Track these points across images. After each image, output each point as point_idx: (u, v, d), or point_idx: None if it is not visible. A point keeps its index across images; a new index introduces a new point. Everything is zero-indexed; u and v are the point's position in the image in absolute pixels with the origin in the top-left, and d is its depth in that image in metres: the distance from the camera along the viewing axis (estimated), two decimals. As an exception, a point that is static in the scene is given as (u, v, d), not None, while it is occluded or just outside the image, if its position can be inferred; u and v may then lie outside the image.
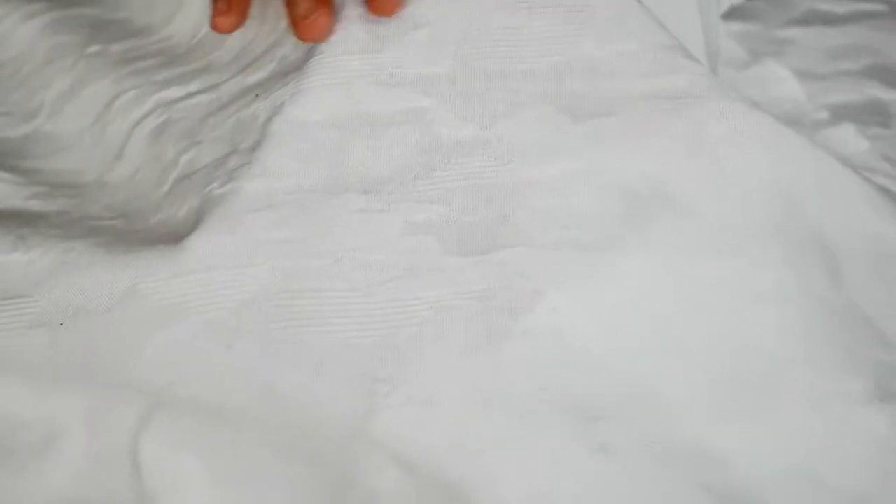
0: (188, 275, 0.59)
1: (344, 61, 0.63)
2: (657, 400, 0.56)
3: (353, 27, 0.64)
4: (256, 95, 0.66)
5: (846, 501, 0.55)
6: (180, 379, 0.58)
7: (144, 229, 0.65)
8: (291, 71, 0.65)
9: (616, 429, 0.56)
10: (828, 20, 0.94)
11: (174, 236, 0.62)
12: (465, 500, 0.55)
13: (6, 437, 0.58)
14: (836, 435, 0.56)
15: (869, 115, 0.84)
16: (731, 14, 0.93)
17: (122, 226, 0.66)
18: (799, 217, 0.58)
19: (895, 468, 0.55)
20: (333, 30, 0.64)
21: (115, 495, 0.56)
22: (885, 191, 0.62)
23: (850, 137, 0.80)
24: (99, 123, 0.73)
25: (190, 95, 0.70)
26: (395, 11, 0.64)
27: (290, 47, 0.67)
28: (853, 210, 0.60)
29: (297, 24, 0.64)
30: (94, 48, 0.76)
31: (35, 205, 0.68)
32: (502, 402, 0.56)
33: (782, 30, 0.93)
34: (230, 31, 0.70)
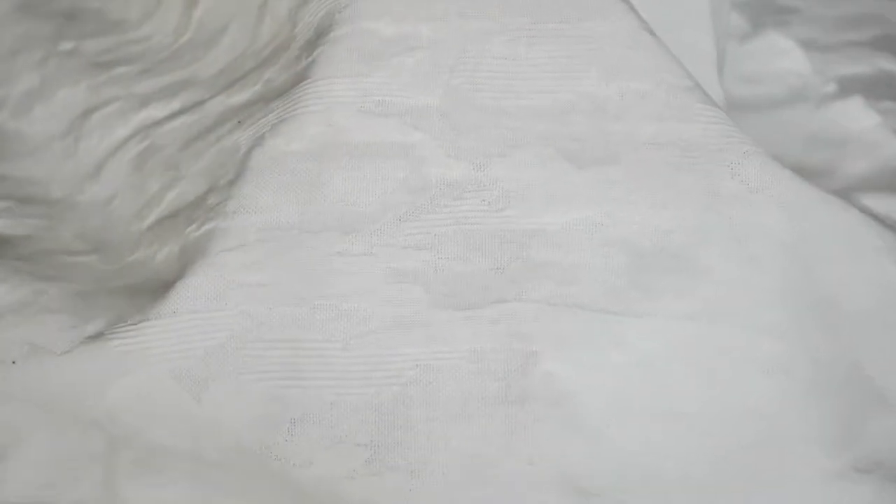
0: (152, 319, 0.54)
1: (326, 85, 0.57)
2: (653, 476, 0.53)
3: (338, 46, 0.58)
4: (239, 122, 0.61)
5: None
6: (148, 426, 0.53)
7: (120, 270, 0.60)
8: (275, 97, 0.60)
9: None
10: (834, -12, 0.91)
11: (151, 283, 0.57)
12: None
13: None
14: None
15: (879, 88, 0.80)
16: (730, -20, 0.87)
17: (97, 263, 0.61)
18: (810, 278, 0.55)
19: None
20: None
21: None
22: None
23: (859, 112, 0.76)
24: (72, 135, 0.67)
25: (173, 115, 0.65)
26: None
27: (277, 70, 0.62)
28: (867, 261, 0.57)
29: None
30: (66, 45, 0.71)
31: (2, 225, 0.63)
32: (491, 474, 0.52)
33: (786, -3, 0.89)
34: None
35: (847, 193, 0.62)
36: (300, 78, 0.59)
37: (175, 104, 0.65)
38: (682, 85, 0.57)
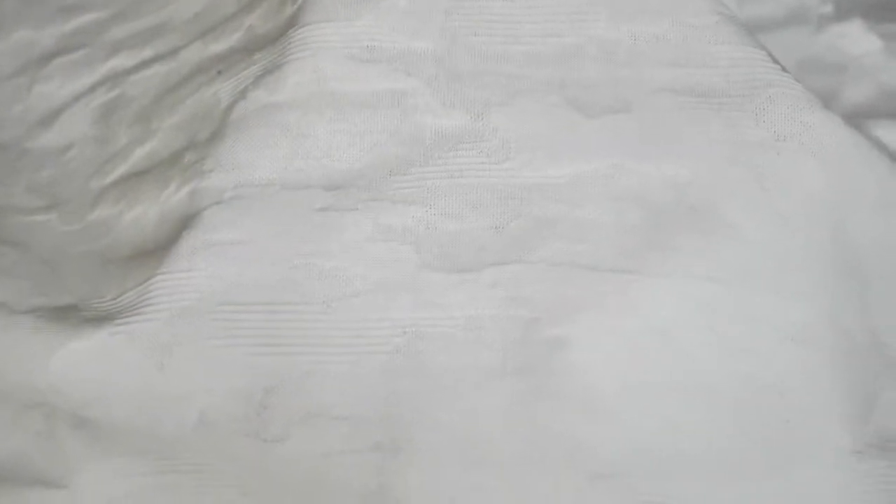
0: (129, 291, 0.49)
1: (312, 31, 0.52)
2: (670, 456, 0.47)
3: None
4: (219, 72, 0.56)
5: None
6: (99, 398, 0.48)
7: (82, 231, 0.55)
8: (259, 47, 0.55)
9: (616, 488, 0.46)
10: None
11: (120, 246, 0.53)
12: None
13: None
14: (842, 493, 0.47)
15: (880, 10, 0.73)
16: None
17: (56, 224, 0.56)
18: (839, 236, 0.49)
19: None
20: None
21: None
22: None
23: (860, 35, 0.69)
24: (24, 77, 0.62)
25: (145, 64, 0.60)
26: None
27: (260, 16, 0.57)
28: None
29: None
30: None
31: None
32: (486, 451, 0.46)
33: None
34: None
35: (858, 121, 0.56)
36: (286, 26, 0.54)
37: (147, 52, 0.60)
38: (700, 24, 0.51)
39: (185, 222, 0.50)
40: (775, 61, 0.51)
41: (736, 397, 0.47)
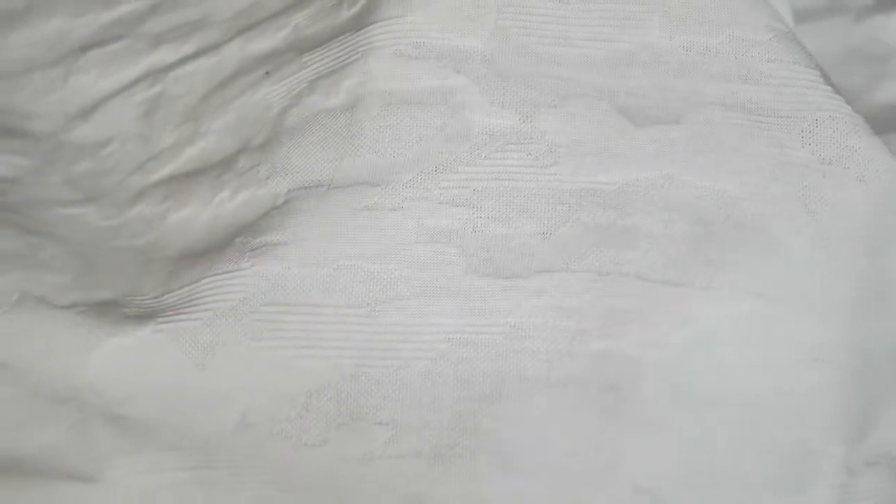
0: (175, 290, 0.49)
1: (364, 34, 0.51)
2: (702, 472, 0.47)
3: None
4: (266, 73, 0.54)
5: None
6: (136, 396, 0.47)
7: (121, 226, 0.53)
8: (309, 48, 0.53)
9: (656, 502, 0.47)
10: None
11: (163, 246, 0.51)
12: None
13: None
14: None
15: None
16: None
17: (94, 217, 0.54)
18: (875, 260, 0.49)
19: None
20: None
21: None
22: None
23: None
24: (60, 67, 0.60)
25: (186, 60, 0.58)
26: None
27: (310, 15, 0.55)
28: None
29: None
30: None
31: None
32: (529, 463, 0.46)
33: None
34: None
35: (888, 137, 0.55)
36: (341, 30, 0.53)
37: (188, 47, 0.59)
38: (754, 39, 0.51)
39: (240, 229, 0.50)
40: (827, 83, 0.50)
41: (765, 414, 0.47)
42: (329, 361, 0.46)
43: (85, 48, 0.61)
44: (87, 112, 0.59)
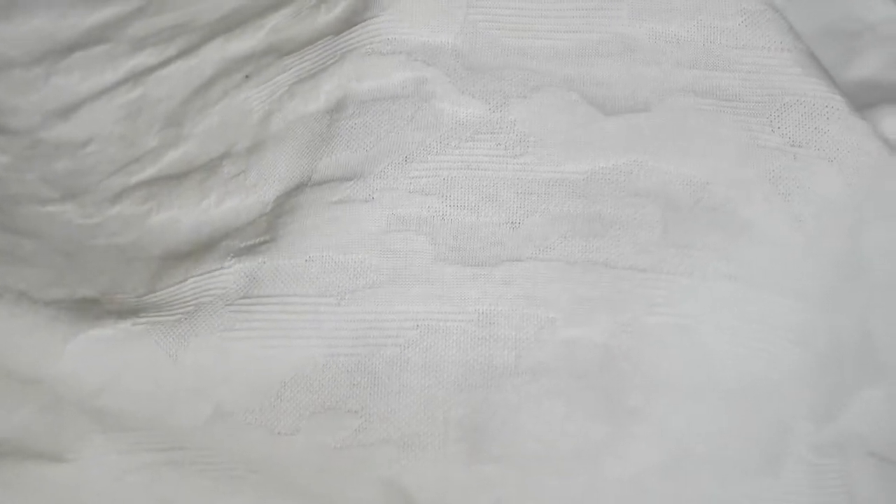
0: (159, 291, 0.50)
1: (342, 38, 0.52)
2: (683, 456, 0.46)
3: None
4: (247, 76, 0.55)
5: None
6: (111, 387, 0.47)
7: (101, 224, 0.54)
8: (287, 51, 0.54)
9: (633, 488, 0.46)
10: None
11: (146, 245, 0.52)
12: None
13: None
14: (814, 491, 0.48)
15: None
16: None
17: (73, 215, 0.55)
18: (850, 243, 0.49)
19: None
20: None
21: None
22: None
23: (876, 2, 0.68)
24: (41, 65, 0.61)
25: (167, 62, 0.59)
26: None
27: (286, 15, 0.56)
28: None
29: None
30: None
31: None
32: (499, 451, 0.46)
33: None
34: None
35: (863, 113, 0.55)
36: (320, 32, 0.54)
37: (170, 50, 0.60)
38: (723, 26, 0.51)
39: (226, 234, 0.51)
40: (802, 64, 0.50)
41: (743, 398, 0.47)
42: (301, 351, 0.47)
43: (68, 50, 0.62)
44: (67, 112, 0.60)
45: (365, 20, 0.52)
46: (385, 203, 0.49)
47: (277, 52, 0.56)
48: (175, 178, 0.55)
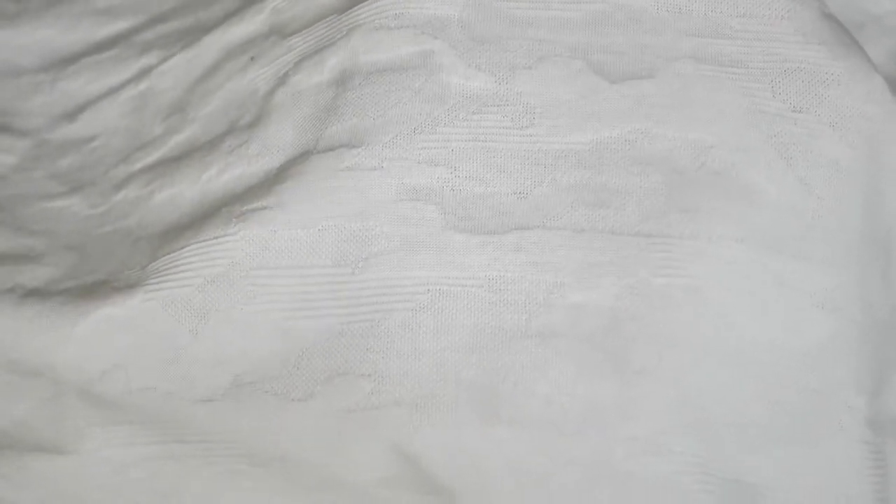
0: (160, 258, 0.50)
1: (347, 16, 0.53)
2: (702, 418, 0.48)
3: None
4: (252, 59, 0.56)
5: None
6: (118, 367, 0.48)
7: (108, 211, 0.56)
8: (290, 32, 0.55)
9: (650, 448, 0.47)
10: None
11: (150, 224, 0.53)
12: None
13: None
14: (858, 465, 0.49)
15: None
16: None
17: (80, 207, 0.56)
18: (873, 211, 0.50)
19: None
20: None
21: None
22: None
23: None
24: (48, 72, 0.63)
25: (171, 55, 0.60)
26: None
27: None
28: None
29: None
30: None
31: None
32: (509, 412, 0.47)
33: None
34: None
35: None
36: (323, 12, 0.55)
37: (175, 48, 0.61)
38: None
39: (226, 201, 0.51)
40: (803, 32, 0.51)
41: (767, 363, 0.48)
42: (320, 321, 0.48)
43: (75, 58, 0.63)
44: (73, 113, 0.61)
45: None
46: (394, 172, 0.50)
47: (280, 33, 0.57)
48: (178, 158, 0.56)
